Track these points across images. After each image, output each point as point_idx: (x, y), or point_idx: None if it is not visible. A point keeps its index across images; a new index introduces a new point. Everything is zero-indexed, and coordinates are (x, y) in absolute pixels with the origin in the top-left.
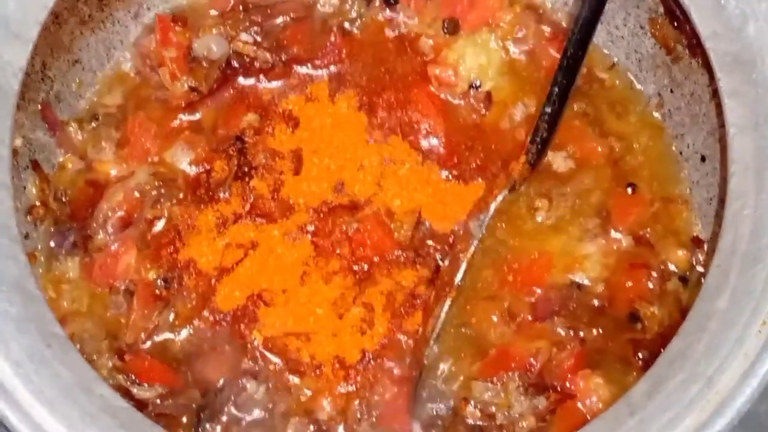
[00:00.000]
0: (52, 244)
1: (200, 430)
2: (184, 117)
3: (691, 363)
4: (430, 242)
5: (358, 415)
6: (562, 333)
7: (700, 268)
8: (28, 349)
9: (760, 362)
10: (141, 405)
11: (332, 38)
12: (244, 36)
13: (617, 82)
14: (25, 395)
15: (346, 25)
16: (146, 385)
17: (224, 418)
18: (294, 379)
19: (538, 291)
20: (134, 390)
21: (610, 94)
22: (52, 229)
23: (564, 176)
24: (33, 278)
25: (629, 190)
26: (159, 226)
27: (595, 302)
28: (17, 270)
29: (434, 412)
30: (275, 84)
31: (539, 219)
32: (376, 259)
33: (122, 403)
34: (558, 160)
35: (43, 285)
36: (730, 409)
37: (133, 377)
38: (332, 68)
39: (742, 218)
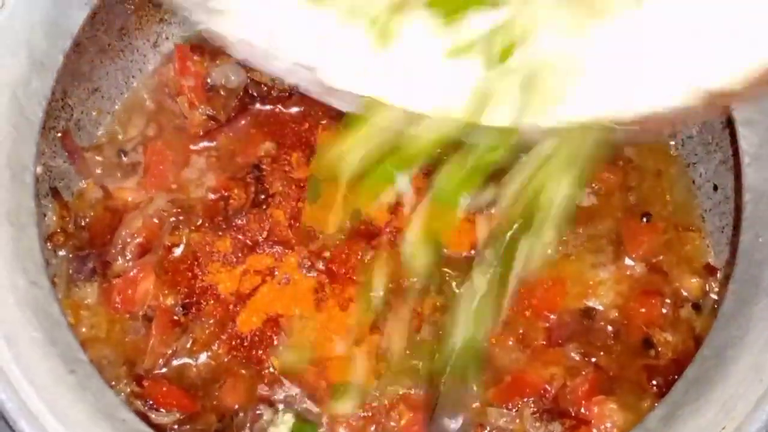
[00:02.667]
0: (71, 270)
1: None
2: (202, 145)
3: (707, 389)
4: (446, 269)
5: None
6: (577, 359)
7: (713, 296)
8: (52, 373)
9: None
10: (159, 430)
11: None
12: None
13: None
14: (51, 420)
15: None
16: (164, 410)
17: None
18: (310, 405)
19: (552, 317)
20: (152, 415)
21: None
22: (71, 256)
23: (583, 212)
24: (57, 304)
25: (644, 219)
26: (177, 252)
27: (609, 328)
28: (41, 295)
29: None
30: (292, 112)
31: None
32: (391, 285)
33: (144, 428)
34: (580, 195)
35: (63, 311)
36: None
37: (151, 403)
38: None
39: (757, 246)
